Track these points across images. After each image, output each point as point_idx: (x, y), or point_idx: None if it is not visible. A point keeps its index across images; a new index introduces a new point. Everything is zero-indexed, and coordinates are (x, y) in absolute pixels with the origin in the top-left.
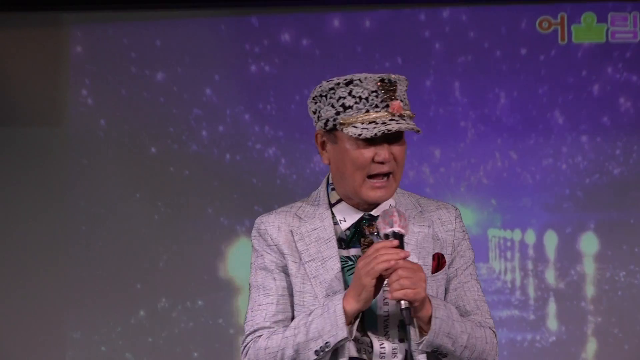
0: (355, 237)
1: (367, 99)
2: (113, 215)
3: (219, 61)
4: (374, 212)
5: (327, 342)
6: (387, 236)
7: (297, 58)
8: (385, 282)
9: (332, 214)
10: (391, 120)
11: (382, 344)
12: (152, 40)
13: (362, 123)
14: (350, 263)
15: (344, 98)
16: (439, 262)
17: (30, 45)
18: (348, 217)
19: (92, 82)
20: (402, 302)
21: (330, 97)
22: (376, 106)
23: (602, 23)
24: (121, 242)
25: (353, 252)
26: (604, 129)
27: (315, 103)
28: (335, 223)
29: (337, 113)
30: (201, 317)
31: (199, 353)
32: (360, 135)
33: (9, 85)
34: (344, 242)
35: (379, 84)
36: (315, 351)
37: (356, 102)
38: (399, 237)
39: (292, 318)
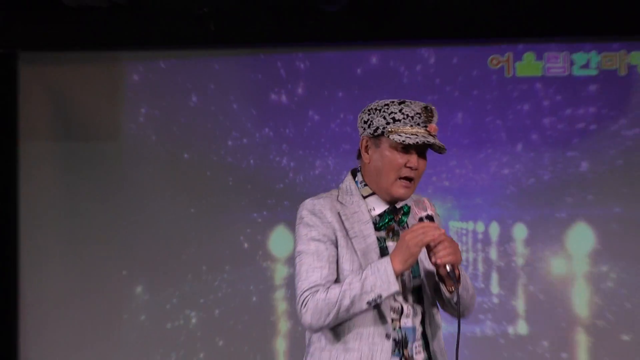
0: (384, 223)
1: (412, 117)
2: (159, 210)
3: (251, 94)
4: (397, 205)
5: (379, 295)
6: (421, 219)
7: (310, 94)
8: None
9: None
10: (429, 136)
11: (408, 306)
12: (196, 72)
13: (406, 134)
14: (379, 242)
15: (395, 113)
16: None
17: (94, 77)
18: (377, 207)
19: (146, 94)
20: (448, 265)
21: (384, 111)
22: (418, 124)
23: (540, 61)
24: (166, 230)
25: (381, 234)
26: (536, 145)
27: (369, 114)
28: (368, 210)
29: (387, 123)
30: (235, 284)
31: (237, 310)
32: (404, 141)
33: (78, 108)
34: (374, 225)
35: (423, 108)
36: (368, 302)
37: (404, 118)
38: (431, 218)
39: (336, 280)
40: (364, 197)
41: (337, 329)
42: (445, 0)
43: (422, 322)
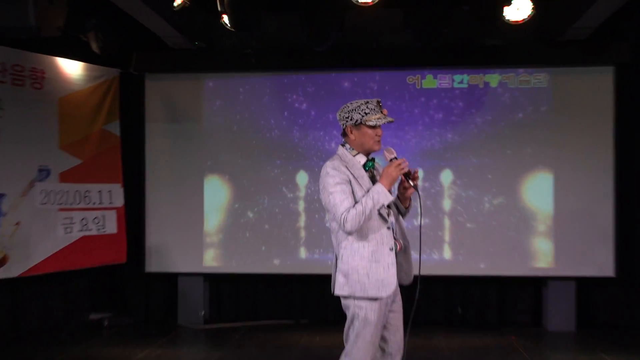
0: (369, 167)
1: (374, 109)
2: (224, 160)
3: (281, 98)
4: (370, 157)
5: (383, 204)
6: (391, 159)
7: (312, 101)
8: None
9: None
10: (386, 117)
11: (391, 211)
12: (245, 84)
13: (375, 119)
14: (370, 178)
15: (365, 109)
16: None
17: (187, 86)
18: (362, 160)
19: (216, 98)
20: (411, 182)
21: (357, 109)
22: (378, 112)
23: (435, 79)
24: (229, 171)
25: (367, 173)
26: (429, 125)
27: (348, 113)
28: (358, 162)
29: (362, 116)
30: (270, 199)
31: (273, 212)
32: (376, 124)
33: (177, 103)
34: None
35: (377, 102)
36: (378, 209)
37: (371, 111)
38: (396, 158)
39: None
40: (353, 156)
41: (359, 230)
42: (384, 46)
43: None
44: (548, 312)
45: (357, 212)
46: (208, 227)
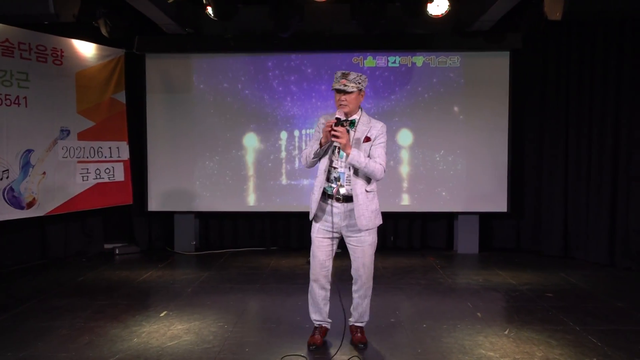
0: (352, 127)
1: (337, 78)
2: (211, 125)
3: (254, 71)
4: (351, 118)
5: (316, 150)
6: (341, 120)
7: (282, 77)
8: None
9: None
10: (341, 85)
11: (340, 164)
12: (225, 63)
13: (335, 85)
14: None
15: (334, 77)
16: (367, 140)
17: (179, 64)
18: (340, 116)
19: (202, 74)
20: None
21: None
22: (338, 80)
23: (374, 59)
24: (217, 133)
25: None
26: (370, 93)
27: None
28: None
29: (333, 83)
30: (261, 147)
31: (263, 152)
32: (332, 87)
33: (172, 78)
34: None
35: (341, 73)
36: (313, 156)
37: (335, 79)
38: (339, 120)
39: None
40: (337, 113)
41: (318, 168)
42: (335, 33)
43: (352, 173)
44: (458, 239)
45: (304, 153)
46: (197, 175)
